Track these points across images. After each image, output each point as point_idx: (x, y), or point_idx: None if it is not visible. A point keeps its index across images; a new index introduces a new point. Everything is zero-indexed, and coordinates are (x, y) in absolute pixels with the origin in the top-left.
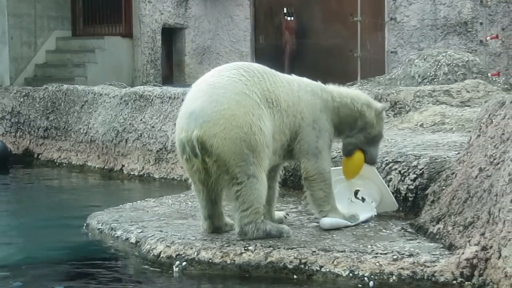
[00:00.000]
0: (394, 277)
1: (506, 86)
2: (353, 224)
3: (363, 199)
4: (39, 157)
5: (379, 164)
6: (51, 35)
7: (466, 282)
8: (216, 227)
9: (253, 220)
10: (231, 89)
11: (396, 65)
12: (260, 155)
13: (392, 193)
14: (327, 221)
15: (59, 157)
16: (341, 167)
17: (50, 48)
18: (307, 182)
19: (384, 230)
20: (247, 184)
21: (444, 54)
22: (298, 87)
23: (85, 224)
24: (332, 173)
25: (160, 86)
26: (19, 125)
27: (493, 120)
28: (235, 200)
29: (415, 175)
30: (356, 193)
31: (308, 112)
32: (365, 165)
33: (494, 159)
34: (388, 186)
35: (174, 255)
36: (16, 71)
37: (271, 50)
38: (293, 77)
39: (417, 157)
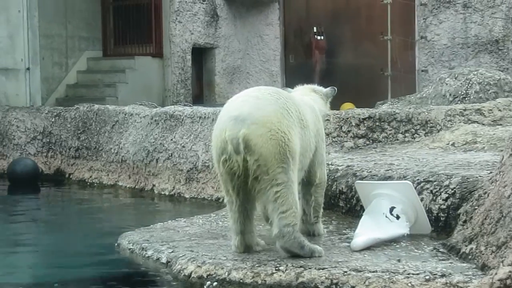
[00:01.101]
0: None
1: None
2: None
3: (397, 217)
4: (70, 177)
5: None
6: (82, 55)
7: None
8: (247, 245)
9: (291, 223)
10: (274, 103)
11: (427, 83)
12: (296, 165)
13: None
14: (358, 243)
15: (90, 177)
16: (377, 182)
17: (81, 68)
18: (317, 188)
19: (416, 250)
20: (287, 185)
21: (475, 72)
22: (311, 107)
23: (116, 244)
24: (368, 187)
25: (190, 105)
26: (50, 145)
27: None
28: (273, 202)
29: (447, 195)
30: (391, 209)
31: (322, 127)
32: (404, 184)
33: None
34: None
35: (205, 275)
36: (47, 91)
37: (301, 69)
38: (301, 97)
39: (449, 177)
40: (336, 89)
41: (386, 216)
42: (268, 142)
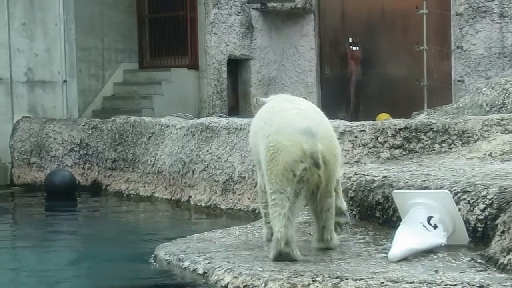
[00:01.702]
0: None
1: None
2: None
3: (435, 226)
4: (107, 188)
5: None
6: (119, 67)
7: None
8: (288, 240)
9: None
10: (324, 117)
11: (463, 94)
12: None
13: None
14: (396, 253)
15: (127, 188)
16: (415, 191)
17: (118, 80)
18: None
19: (453, 261)
20: (333, 196)
21: None
22: None
23: (153, 255)
24: (405, 197)
25: (226, 117)
26: (87, 156)
27: None
28: (326, 212)
29: (484, 205)
30: (429, 218)
31: None
32: (442, 193)
33: None
34: None
35: (241, 286)
36: (84, 103)
37: (337, 80)
38: None
39: (486, 187)
40: None
41: (424, 226)
42: (333, 157)
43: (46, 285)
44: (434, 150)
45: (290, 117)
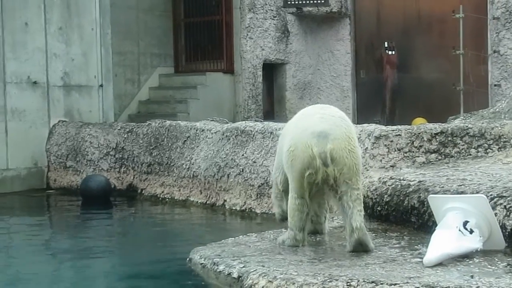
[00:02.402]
0: None
1: None
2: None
3: (471, 231)
4: (143, 192)
5: None
6: (154, 72)
7: None
8: (305, 240)
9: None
10: (346, 120)
11: (500, 98)
12: None
13: None
14: (431, 258)
15: (162, 192)
16: (450, 195)
17: (153, 85)
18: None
19: (489, 266)
20: (360, 190)
21: None
22: None
23: (188, 259)
24: (441, 201)
25: (261, 121)
26: (123, 160)
27: None
28: (353, 201)
29: None
30: (465, 223)
31: None
32: (479, 198)
33: None
34: None
35: None
36: (120, 107)
37: (372, 85)
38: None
39: None
40: None
41: (460, 230)
42: (351, 154)
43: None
44: (470, 154)
45: (312, 121)
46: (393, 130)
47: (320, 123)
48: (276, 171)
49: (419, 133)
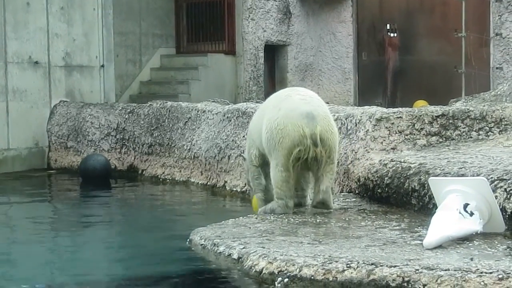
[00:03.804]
0: None
1: None
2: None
3: (471, 213)
4: (143, 173)
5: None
6: (156, 52)
7: None
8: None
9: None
10: (323, 102)
11: (501, 81)
12: None
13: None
14: (431, 241)
15: (163, 173)
16: (451, 178)
17: (155, 65)
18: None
19: (489, 249)
20: (335, 163)
21: None
22: None
23: (188, 240)
24: (441, 184)
25: (262, 103)
26: (124, 141)
27: None
28: (328, 173)
29: None
30: (465, 206)
31: None
32: (479, 180)
33: None
34: None
35: (276, 272)
36: (121, 88)
37: (374, 67)
38: None
39: None
40: None
41: (460, 212)
42: (333, 135)
43: (78, 269)
44: (471, 137)
45: (296, 102)
46: (394, 113)
47: (305, 104)
48: (250, 149)
49: (420, 116)
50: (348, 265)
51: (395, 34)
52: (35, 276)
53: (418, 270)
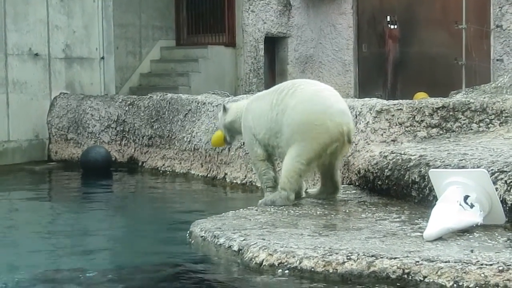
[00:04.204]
0: None
1: None
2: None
3: (472, 205)
4: (144, 165)
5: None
6: (156, 44)
7: None
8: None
9: None
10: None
11: (502, 73)
12: None
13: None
14: (431, 233)
15: (163, 165)
16: (451, 170)
17: (155, 57)
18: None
19: (489, 241)
20: None
21: None
22: None
23: (188, 232)
24: (442, 175)
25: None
26: (124, 133)
27: None
28: (338, 166)
29: None
30: (466, 198)
31: None
32: (480, 172)
33: None
34: None
35: (276, 263)
36: (121, 80)
37: (374, 59)
38: None
39: None
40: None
41: (460, 204)
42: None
43: (79, 260)
44: (471, 129)
45: (329, 99)
46: (394, 105)
47: (339, 102)
48: (253, 147)
49: (421, 108)
50: (348, 257)
51: (396, 26)
52: (34, 266)
53: (418, 262)
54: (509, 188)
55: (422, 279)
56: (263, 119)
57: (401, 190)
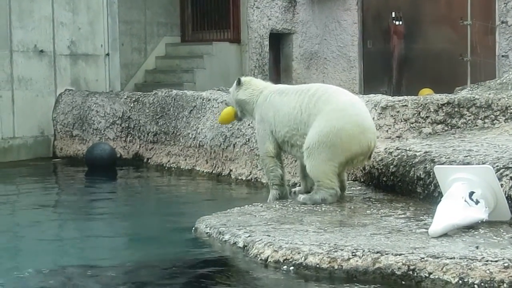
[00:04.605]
0: (505, 285)
1: None
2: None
3: (477, 202)
4: (149, 161)
5: None
6: (161, 41)
7: None
8: None
9: None
10: None
11: (507, 69)
12: None
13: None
14: (437, 229)
15: (168, 161)
16: (456, 166)
17: (160, 54)
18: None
19: (494, 237)
20: None
21: None
22: None
23: (193, 228)
24: (447, 172)
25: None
26: (129, 130)
27: None
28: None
29: None
30: (471, 194)
31: None
32: (485, 168)
33: None
34: None
35: (281, 260)
36: (126, 77)
37: (379, 55)
38: None
39: None
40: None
41: (465, 201)
42: None
43: (84, 257)
44: (476, 125)
45: (363, 113)
46: (399, 101)
47: (368, 117)
48: (265, 141)
49: (426, 104)
50: (353, 254)
51: (401, 22)
52: (40, 263)
53: (423, 258)
54: None
55: (427, 275)
56: (287, 118)
57: (406, 187)
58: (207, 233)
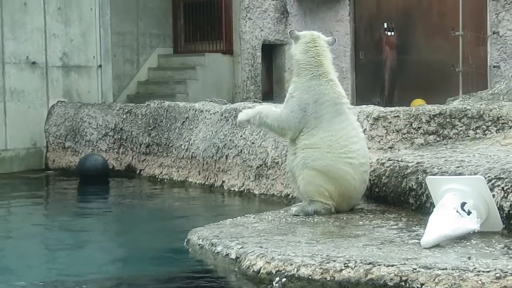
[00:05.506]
0: None
1: None
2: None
3: (469, 212)
4: (141, 173)
5: None
6: (153, 52)
7: None
8: None
9: None
10: None
11: (499, 79)
12: None
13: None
14: (428, 240)
15: (161, 173)
16: (448, 177)
17: (152, 65)
18: None
19: (486, 248)
20: None
21: None
22: None
23: (186, 240)
24: (439, 182)
25: (260, 102)
26: (121, 141)
27: None
28: None
29: None
30: (463, 204)
31: None
32: (477, 179)
33: None
34: None
35: (274, 271)
36: (119, 88)
37: (371, 66)
38: None
39: None
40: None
41: (457, 211)
42: None
43: (76, 269)
44: (468, 136)
45: (363, 150)
46: (391, 112)
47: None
48: (293, 120)
49: (418, 115)
50: (345, 265)
51: (393, 33)
52: (32, 275)
53: (415, 269)
54: (506, 194)
55: (419, 286)
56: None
57: (398, 197)
58: (200, 244)
